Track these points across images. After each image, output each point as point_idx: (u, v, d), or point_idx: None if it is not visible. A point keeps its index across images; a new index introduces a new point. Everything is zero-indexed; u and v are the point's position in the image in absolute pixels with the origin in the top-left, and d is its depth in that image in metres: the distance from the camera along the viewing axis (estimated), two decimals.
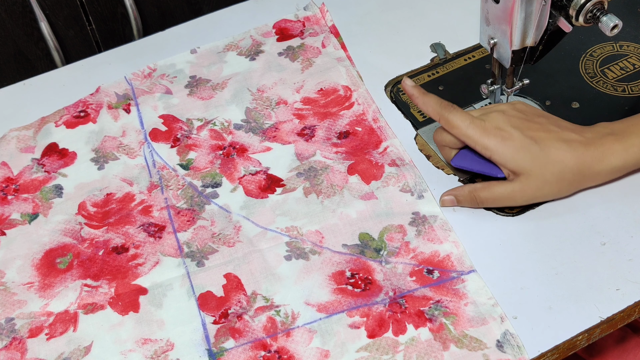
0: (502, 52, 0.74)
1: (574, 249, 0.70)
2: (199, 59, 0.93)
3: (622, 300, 0.67)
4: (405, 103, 0.85)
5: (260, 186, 0.78)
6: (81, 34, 1.11)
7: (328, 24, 0.95)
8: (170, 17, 1.15)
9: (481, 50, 0.90)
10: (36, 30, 1.08)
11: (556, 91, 0.84)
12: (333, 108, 0.85)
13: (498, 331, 0.65)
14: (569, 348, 0.66)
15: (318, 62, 0.90)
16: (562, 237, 0.71)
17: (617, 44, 0.88)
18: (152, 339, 0.68)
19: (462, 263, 0.70)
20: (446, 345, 0.65)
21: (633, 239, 0.71)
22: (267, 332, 0.67)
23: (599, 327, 0.66)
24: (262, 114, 0.85)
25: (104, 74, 0.92)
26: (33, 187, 0.80)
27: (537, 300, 0.67)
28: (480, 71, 0.88)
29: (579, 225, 0.72)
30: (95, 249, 0.75)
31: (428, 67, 0.89)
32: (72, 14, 1.09)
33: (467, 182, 0.76)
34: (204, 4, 1.16)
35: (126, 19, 1.12)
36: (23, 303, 0.71)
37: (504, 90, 0.79)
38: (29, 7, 1.05)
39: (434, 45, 0.91)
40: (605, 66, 0.86)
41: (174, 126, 0.85)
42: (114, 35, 1.14)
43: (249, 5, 1.00)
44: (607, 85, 0.84)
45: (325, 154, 0.80)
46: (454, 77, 0.88)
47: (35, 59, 1.11)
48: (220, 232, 0.75)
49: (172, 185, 0.79)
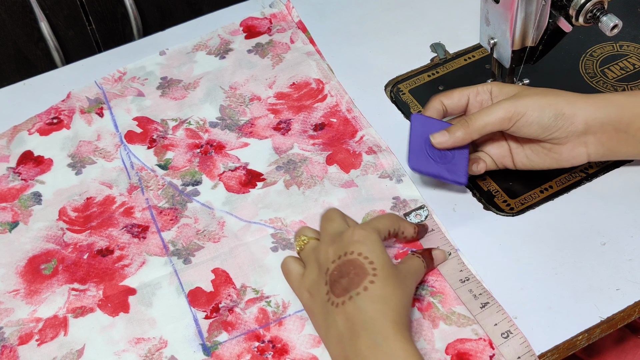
0: (502, 52, 0.74)
1: (574, 249, 0.70)
2: (168, 61, 0.93)
3: (622, 300, 0.67)
4: (405, 103, 0.85)
5: (241, 181, 0.79)
6: (81, 34, 1.11)
7: (294, 20, 0.96)
8: (170, 17, 1.15)
9: (481, 50, 0.90)
10: (36, 30, 1.07)
11: None
12: (307, 101, 0.86)
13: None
14: (569, 348, 0.66)
15: (288, 57, 0.91)
16: (562, 237, 0.71)
17: (617, 44, 0.88)
18: (145, 338, 0.68)
19: (447, 243, 0.71)
20: (435, 323, 0.66)
21: (633, 239, 0.70)
22: (260, 323, 0.68)
23: (599, 327, 0.66)
24: (236, 110, 0.86)
25: (104, 74, 0.92)
26: (11, 196, 0.80)
27: (537, 300, 0.67)
28: (480, 71, 0.88)
29: (579, 225, 0.72)
30: (79, 253, 0.74)
31: (428, 67, 0.89)
32: (72, 14, 1.08)
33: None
34: (204, 4, 1.16)
35: (126, 19, 1.11)
36: (10, 311, 0.71)
37: None
38: (29, 7, 1.04)
39: (434, 45, 0.92)
40: (605, 66, 0.86)
41: (149, 127, 0.85)
42: (114, 35, 1.13)
43: (249, 5, 1.00)
44: (607, 85, 0.84)
45: (303, 146, 0.81)
46: (454, 77, 0.87)
47: (35, 59, 1.10)
48: (205, 229, 0.75)
49: (152, 186, 0.79)
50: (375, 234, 0.63)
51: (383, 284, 0.60)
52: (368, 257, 0.61)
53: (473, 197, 0.76)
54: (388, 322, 0.58)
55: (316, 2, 0.99)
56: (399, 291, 0.60)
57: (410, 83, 0.88)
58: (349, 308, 0.59)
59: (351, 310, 0.59)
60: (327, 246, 0.63)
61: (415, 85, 0.88)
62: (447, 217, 0.74)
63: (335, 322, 0.60)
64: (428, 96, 0.74)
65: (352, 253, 0.61)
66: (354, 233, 0.62)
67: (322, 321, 0.62)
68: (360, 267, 0.60)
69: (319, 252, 0.64)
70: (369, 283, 0.59)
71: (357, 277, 0.60)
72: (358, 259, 0.61)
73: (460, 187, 0.76)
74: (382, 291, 0.59)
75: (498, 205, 0.75)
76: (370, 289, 0.59)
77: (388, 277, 0.60)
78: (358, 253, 0.61)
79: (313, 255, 0.64)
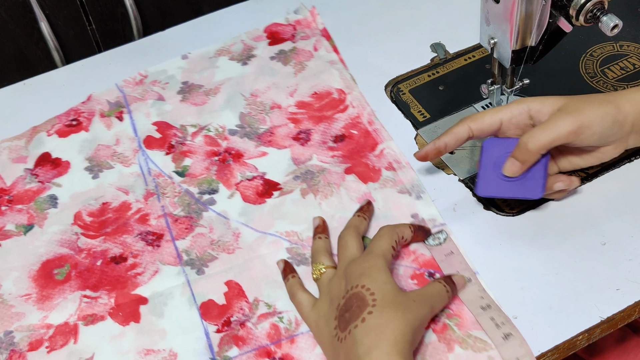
0: (502, 52, 0.74)
1: (574, 249, 0.70)
2: (190, 65, 0.92)
3: (622, 300, 0.67)
4: (405, 103, 0.85)
5: (258, 191, 0.78)
6: (81, 34, 1.11)
7: (319, 27, 0.95)
8: (170, 17, 1.14)
9: (481, 50, 0.90)
10: (36, 30, 1.07)
11: (556, 91, 0.82)
12: (328, 111, 0.85)
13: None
14: (569, 348, 0.66)
15: (311, 65, 0.90)
16: (562, 237, 0.71)
17: (617, 44, 0.88)
18: (154, 350, 0.67)
19: (467, 268, 0.70)
20: (451, 347, 0.65)
21: (633, 239, 0.71)
22: (271, 339, 0.67)
23: (599, 327, 0.66)
24: (256, 118, 0.85)
25: (104, 74, 0.91)
26: (27, 198, 0.79)
27: (537, 300, 0.67)
28: (480, 71, 0.88)
29: (579, 225, 0.72)
30: (93, 259, 0.74)
31: (428, 67, 0.89)
32: (72, 14, 1.08)
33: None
34: (204, 4, 1.15)
35: (126, 19, 1.11)
36: (21, 315, 0.70)
37: (504, 90, 0.78)
38: (29, 7, 1.04)
39: (434, 45, 0.91)
40: (605, 66, 0.86)
41: (168, 133, 0.84)
42: (114, 35, 1.13)
43: (249, 5, 1.00)
44: (607, 85, 0.84)
45: (322, 157, 0.80)
46: (454, 77, 0.87)
47: (35, 59, 1.10)
48: (219, 239, 0.74)
49: (169, 193, 0.79)
50: (380, 260, 0.63)
51: (379, 313, 0.59)
52: (370, 288, 0.60)
53: (473, 197, 0.76)
54: (381, 355, 0.57)
55: (316, 2, 0.98)
56: (398, 318, 0.59)
57: (410, 83, 0.88)
58: (348, 342, 0.59)
59: (350, 345, 0.59)
60: (340, 280, 0.63)
61: (415, 85, 0.87)
62: (447, 217, 0.74)
63: (339, 357, 0.60)
64: (428, 96, 0.74)
65: (356, 286, 0.61)
66: (360, 265, 0.62)
67: (332, 353, 0.62)
68: (361, 300, 0.60)
69: (332, 285, 0.64)
70: (367, 314, 0.59)
71: (357, 310, 0.59)
72: (361, 291, 0.60)
73: (460, 187, 0.76)
74: (378, 321, 0.59)
75: (498, 205, 0.75)
76: (367, 320, 0.59)
77: (385, 305, 0.59)
78: (362, 286, 0.61)
79: (327, 287, 0.64)
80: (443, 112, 0.84)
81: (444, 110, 0.84)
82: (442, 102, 0.85)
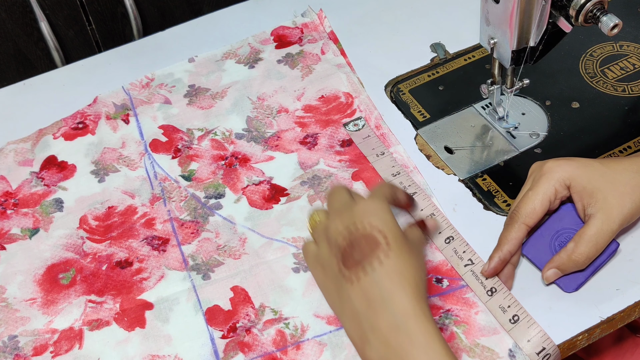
0: (502, 52, 0.74)
1: None
2: (197, 68, 0.92)
3: (622, 300, 0.67)
4: (405, 103, 0.85)
5: (265, 196, 0.78)
6: (81, 34, 1.11)
7: (326, 30, 0.94)
8: (170, 17, 1.14)
9: (481, 50, 0.90)
10: (36, 30, 1.07)
11: (556, 91, 0.84)
12: (335, 115, 0.84)
13: (510, 340, 0.64)
14: (569, 348, 0.66)
15: (318, 69, 0.90)
16: None
17: (617, 44, 0.88)
18: (159, 355, 0.67)
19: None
20: (458, 355, 0.64)
21: (633, 239, 0.70)
22: (277, 346, 0.66)
23: (599, 327, 0.66)
24: (263, 122, 0.84)
25: (104, 74, 0.91)
26: (33, 202, 0.79)
27: (537, 300, 0.67)
28: (480, 71, 0.88)
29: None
30: (98, 263, 0.73)
31: (428, 67, 0.89)
32: (72, 14, 1.08)
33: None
34: (204, 4, 1.15)
35: (126, 19, 1.11)
36: (26, 320, 0.70)
37: (504, 90, 0.79)
38: (29, 7, 1.04)
39: (434, 45, 0.91)
40: (605, 66, 0.86)
41: (175, 136, 0.84)
42: (114, 35, 1.13)
43: (249, 5, 1.00)
44: (607, 85, 0.84)
45: (329, 162, 0.80)
46: (454, 77, 0.87)
47: (35, 59, 1.10)
48: (226, 244, 0.74)
49: (175, 197, 0.78)
50: (385, 203, 0.60)
51: (398, 257, 0.57)
52: (380, 228, 0.58)
53: (473, 197, 0.76)
54: (407, 299, 0.55)
55: (316, 3, 0.97)
56: (414, 263, 0.57)
57: (410, 83, 0.87)
58: (365, 284, 0.56)
59: (367, 286, 0.56)
60: (335, 220, 0.60)
61: (415, 85, 0.87)
62: (447, 217, 0.73)
63: (350, 298, 0.57)
64: (428, 96, 0.74)
65: (362, 224, 0.58)
66: (364, 205, 0.59)
67: (336, 297, 0.59)
68: (371, 239, 0.57)
69: (328, 228, 0.60)
70: (384, 257, 0.56)
71: (369, 248, 0.57)
72: (370, 230, 0.57)
73: (460, 187, 0.76)
74: (398, 265, 0.56)
75: (498, 205, 0.75)
76: (385, 263, 0.56)
77: (402, 249, 0.57)
78: (369, 224, 0.58)
79: (324, 232, 0.61)
80: (443, 112, 0.84)
81: (444, 111, 0.84)
82: (442, 102, 0.85)
